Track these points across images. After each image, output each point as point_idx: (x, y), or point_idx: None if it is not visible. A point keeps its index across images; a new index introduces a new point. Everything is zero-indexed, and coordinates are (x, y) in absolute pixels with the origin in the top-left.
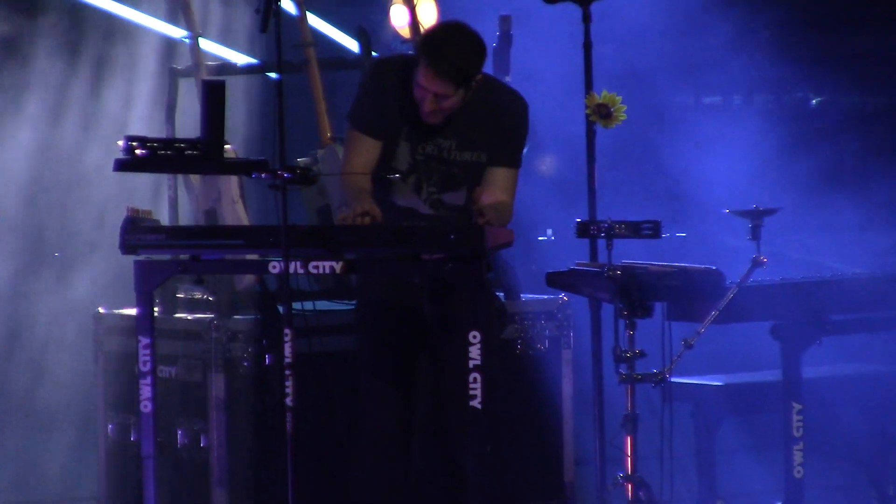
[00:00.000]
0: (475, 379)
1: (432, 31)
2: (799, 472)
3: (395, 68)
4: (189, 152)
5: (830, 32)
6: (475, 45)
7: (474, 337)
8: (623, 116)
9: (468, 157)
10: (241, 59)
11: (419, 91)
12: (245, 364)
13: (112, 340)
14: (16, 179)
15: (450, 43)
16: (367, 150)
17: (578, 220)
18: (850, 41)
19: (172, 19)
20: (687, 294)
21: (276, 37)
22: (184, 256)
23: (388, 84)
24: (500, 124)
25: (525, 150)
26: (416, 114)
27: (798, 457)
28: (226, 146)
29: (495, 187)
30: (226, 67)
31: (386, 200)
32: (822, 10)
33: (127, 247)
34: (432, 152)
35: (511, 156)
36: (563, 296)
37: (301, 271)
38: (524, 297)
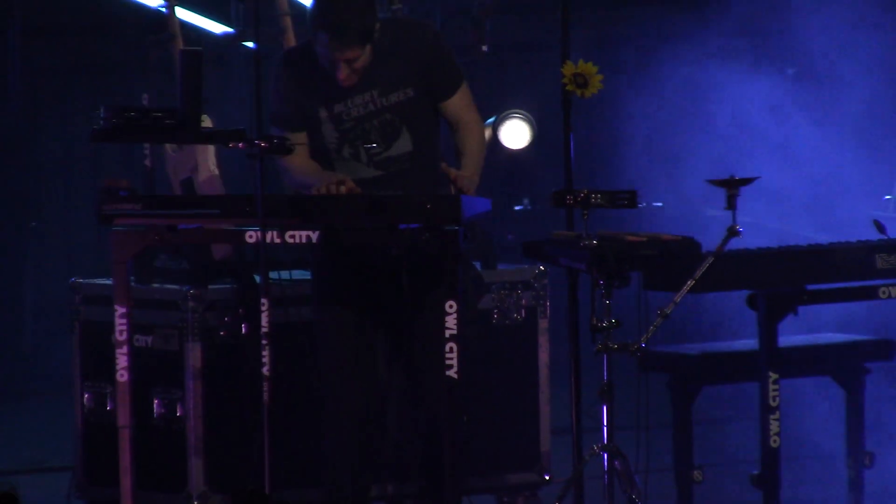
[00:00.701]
0: (451, 349)
1: (318, 2)
2: (775, 441)
3: (291, 59)
4: (166, 122)
5: None
6: None
7: (451, 307)
8: (599, 85)
9: (395, 98)
10: (217, 28)
11: (327, 62)
12: (221, 333)
13: (88, 310)
14: None
15: (343, 8)
16: (298, 145)
17: (554, 189)
18: None
19: None
20: (663, 263)
21: (253, 6)
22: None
23: (290, 74)
24: (420, 57)
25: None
26: (327, 87)
27: (774, 426)
28: (202, 116)
29: (459, 113)
30: (203, 37)
31: None
32: None
33: (103, 216)
34: (359, 113)
35: (452, 77)
36: (540, 265)
37: (278, 241)
38: (501, 266)
